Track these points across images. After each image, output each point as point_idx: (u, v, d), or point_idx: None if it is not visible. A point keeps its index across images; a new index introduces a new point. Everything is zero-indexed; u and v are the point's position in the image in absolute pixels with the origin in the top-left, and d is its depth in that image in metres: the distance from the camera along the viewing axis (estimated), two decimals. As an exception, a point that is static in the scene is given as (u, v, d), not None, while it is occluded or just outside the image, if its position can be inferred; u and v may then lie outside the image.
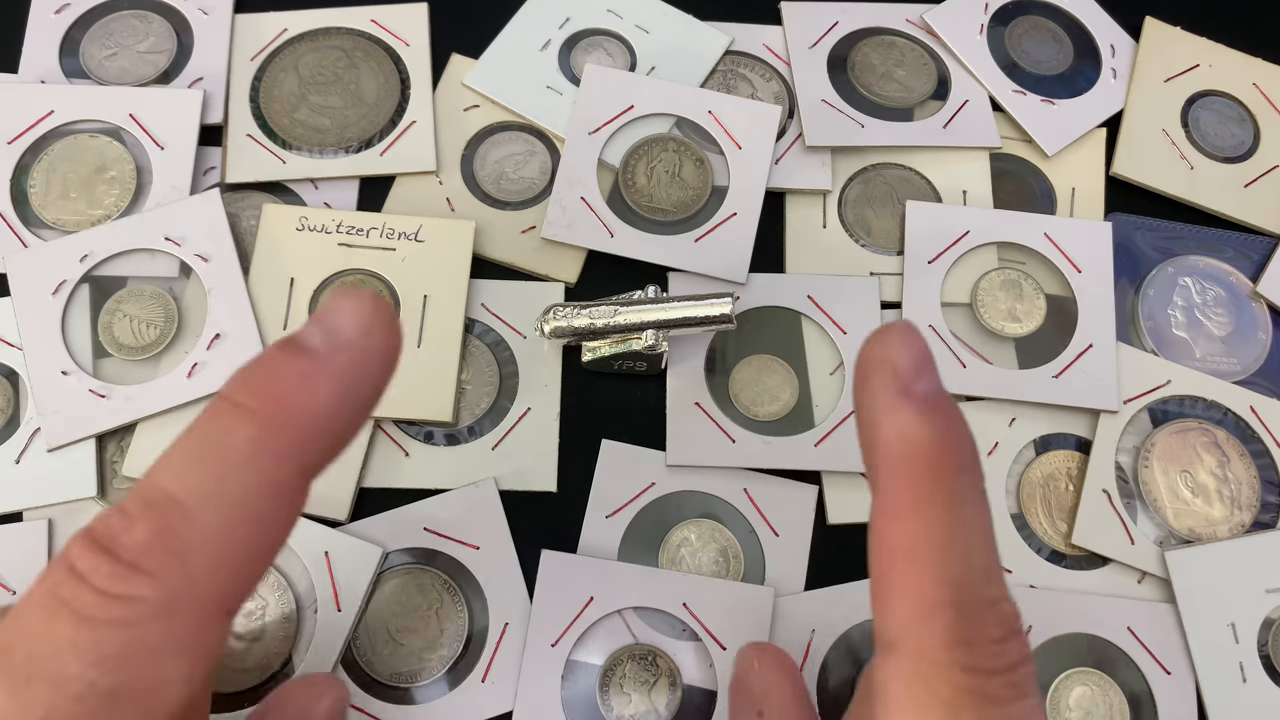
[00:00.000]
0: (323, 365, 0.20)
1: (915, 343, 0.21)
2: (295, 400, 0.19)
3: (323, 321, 0.20)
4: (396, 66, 0.39)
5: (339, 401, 0.20)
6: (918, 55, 0.41)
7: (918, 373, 0.20)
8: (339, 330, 0.20)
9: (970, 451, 0.20)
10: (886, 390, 0.20)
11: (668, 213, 0.37)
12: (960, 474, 0.20)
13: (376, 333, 0.20)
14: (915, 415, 0.20)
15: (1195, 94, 0.41)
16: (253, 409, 0.19)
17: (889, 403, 0.20)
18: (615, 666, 0.32)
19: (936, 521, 0.20)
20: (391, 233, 0.36)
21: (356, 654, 0.32)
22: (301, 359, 0.20)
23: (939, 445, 0.20)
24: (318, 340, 0.20)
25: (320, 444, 0.20)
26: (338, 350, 0.20)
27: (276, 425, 0.19)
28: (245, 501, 0.19)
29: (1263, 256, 0.39)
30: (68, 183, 0.36)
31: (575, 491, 0.34)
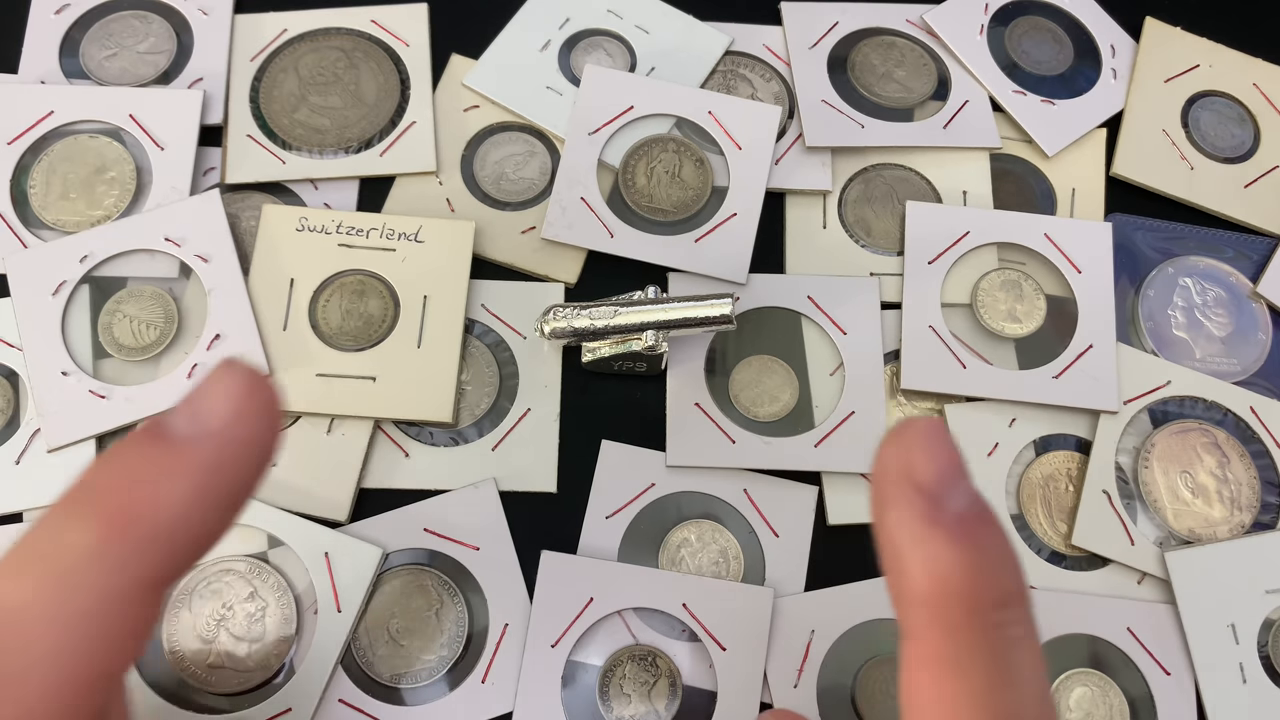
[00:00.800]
0: (180, 457, 0.17)
1: (941, 447, 0.17)
2: (141, 499, 0.17)
3: (190, 402, 0.18)
4: (396, 67, 0.39)
5: (194, 501, 0.17)
6: (918, 55, 0.41)
7: (947, 485, 0.17)
8: (206, 415, 0.17)
9: (1015, 578, 0.17)
10: (910, 515, 0.17)
11: (668, 213, 0.37)
12: (1003, 611, 0.17)
13: (249, 417, 0.17)
14: (947, 545, 0.17)
15: (1195, 94, 0.41)
16: (96, 510, 0.16)
17: (914, 532, 0.17)
18: (615, 667, 0.32)
19: (978, 676, 0.17)
20: (391, 233, 0.36)
21: (356, 654, 0.32)
22: (160, 449, 0.17)
23: (977, 579, 0.17)
24: (183, 426, 0.17)
25: (175, 547, 0.17)
26: (203, 439, 0.17)
27: (121, 529, 0.16)
28: (83, 613, 0.16)
29: (1263, 257, 0.39)
30: (68, 183, 0.36)
31: (575, 492, 0.34)
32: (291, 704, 0.31)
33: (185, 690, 0.31)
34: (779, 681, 0.32)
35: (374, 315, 0.35)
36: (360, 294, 0.35)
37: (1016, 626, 0.17)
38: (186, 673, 0.31)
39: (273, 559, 0.32)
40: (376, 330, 0.35)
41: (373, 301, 0.35)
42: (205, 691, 0.31)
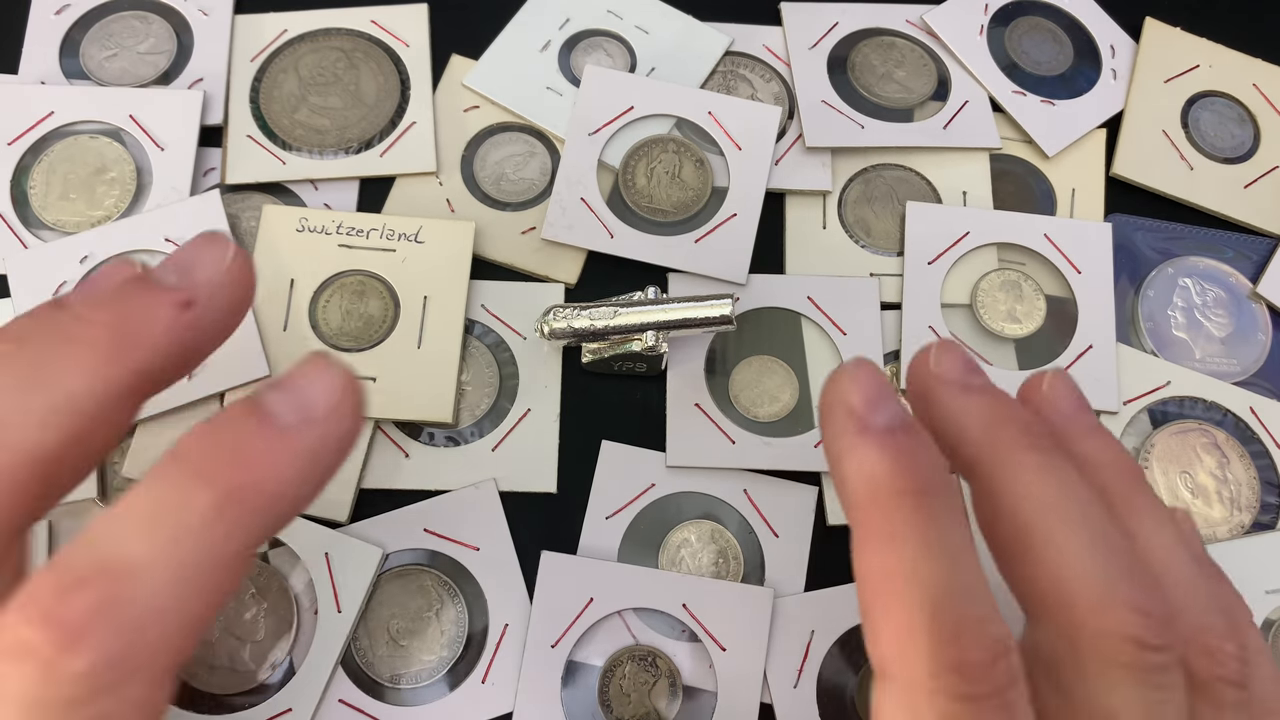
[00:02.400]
0: (290, 441, 0.19)
1: (868, 377, 0.21)
2: (258, 474, 0.18)
3: (294, 392, 0.19)
4: (396, 67, 0.39)
5: (299, 479, 0.19)
6: (918, 56, 0.41)
7: (872, 406, 0.21)
8: (310, 406, 0.19)
9: (936, 469, 0.21)
10: (844, 430, 0.21)
11: (668, 213, 0.37)
12: (926, 496, 0.20)
13: (346, 413, 0.20)
14: (873, 449, 0.20)
15: (1195, 94, 0.41)
16: (212, 478, 0.18)
17: (848, 442, 0.21)
18: (615, 667, 0.32)
19: (907, 548, 0.20)
20: (391, 234, 0.36)
21: (356, 655, 0.32)
22: (268, 431, 0.19)
23: (900, 472, 0.20)
24: (287, 412, 0.19)
25: (275, 519, 0.19)
26: (306, 426, 0.19)
27: (236, 499, 0.18)
28: (196, 572, 0.18)
29: (1262, 257, 0.39)
30: (68, 184, 0.36)
31: (575, 492, 0.34)
32: (291, 704, 0.31)
33: (185, 690, 0.31)
34: (779, 681, 0.32)
35: (374, 315, 0.35)
36: (360, 294, 0.35)
37: (941, 510, 0.20)
38: (186, 673, 0.31)
39: (273, 559, 0.32)
40: (376, 330, 0.35)
41: (373, 302, 0.35)
42: (205, 692, 0.31)
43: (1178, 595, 0.22)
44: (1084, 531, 0.21)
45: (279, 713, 0.31)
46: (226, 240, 0.22)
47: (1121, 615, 0.20)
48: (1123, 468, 0.24)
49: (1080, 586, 0.20)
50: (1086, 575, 0.20)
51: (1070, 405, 0.25)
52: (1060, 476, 0.22)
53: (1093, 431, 0.25)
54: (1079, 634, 0.20)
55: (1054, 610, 0.21)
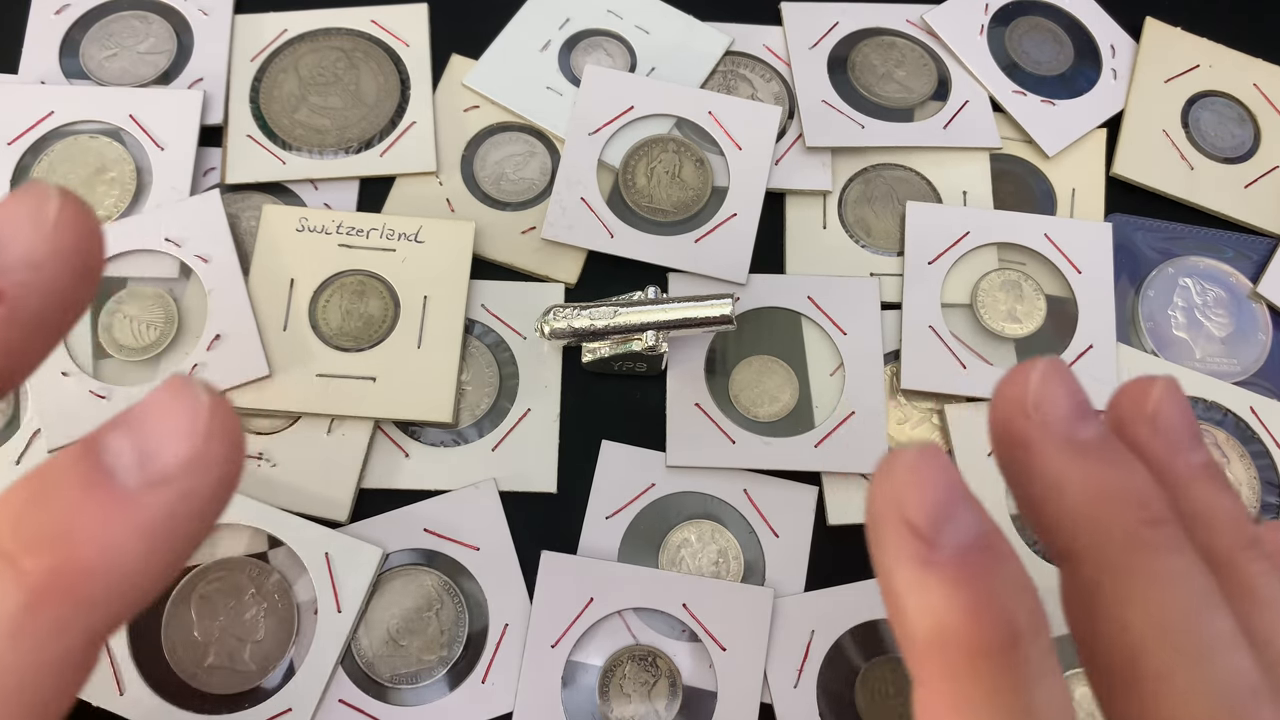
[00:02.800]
0: (131, 510, 0.14)
1: (934, 477, 0.16)
2: (87, 557, 0.14)
3: (138, 437, 0.14)
4: (396, 67, 0.39)
5: (145, 557, 0.14)
6: (918, 56, 0.41)
7: (941, 521, 0.16)
8: (158, 456, 0.14)
9: (1025, 614, 0.16)
10: (902, 555, 0.16)
11: (668, 213, 0.37)
12: (1010, 654, 0.15)
13: (213, 461, 0.15)
14: (942, 587, 0.15)
15: (1195, 94, 0.41)
16: (27, 569, 0.14)
17: (909, 576, 0.16)
18: (615, 667, 0.32)
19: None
20: (391, 233, 0.36)
21: (356, 655, 0.32)
22: (102, 497, 0.14)
23: (979, 621, 0.15)
24: (130, 469, 0.14)
25: (118, 606, 0.14)
26: (156, 487, 0.14)
27: (59, 589, 0.14)
28: (17, 682, 0.14)
29: (1263, 257, 0.39)
30: (68, 183, 0.36)
31: (575, 492, 0.34)
32: (291, 704, 0.31)
33: (185, 690, 0.31)
34: (779, 681, 0.32)
35: (374, 315, 0.35)
36: (360, 294, 0.35)
37: (1027, 666, 0.16)
38: (186, 673, 0.31)
39: (273, 559, 0.32)
40: (376, 330, 0.35)
41: (373, 302, 0.35)
42: (205, 692, 0.31)
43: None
44: (1208, 668, 0.16)
45: (279, 713, 0.31)
46: (47, 191, 0.15)
47: None
48: (1241, 527, 0.19)
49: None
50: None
51: (1182, 435, 0.19)
52: (1188, 587, 0.17)
53: (1205, 475, 0.19)
54: None
55: None
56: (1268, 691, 0.16)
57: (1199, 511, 0.18)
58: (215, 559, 0.32)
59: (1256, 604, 0.18)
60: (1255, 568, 0.18)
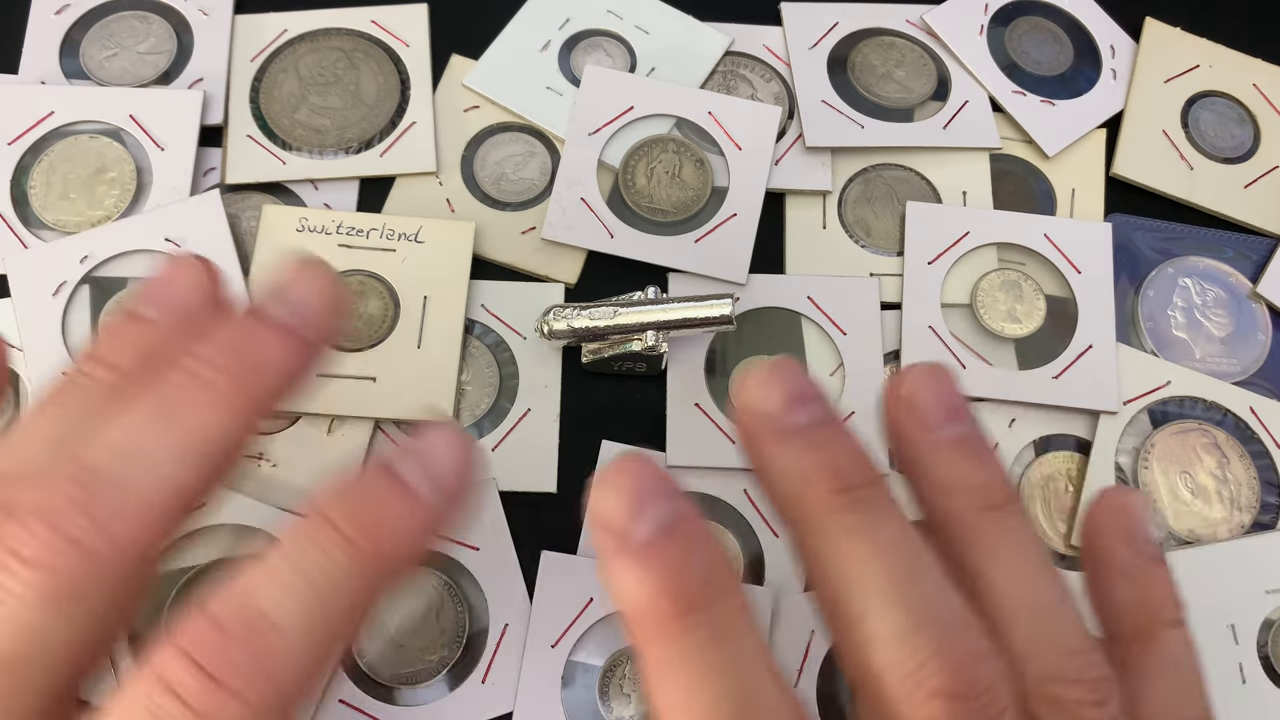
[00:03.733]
0: (427, 513, 0.20)
1: (631, 477, 0.19)
2: (398, 543, 0.19)
3: (426, 461, 0.20)
4: (396, 67, 0.39)
5: (425, 544, 0.20)
6: (918, 56, 0.41)
7: (634, 515, 0.19)
8: (444, 476, 0.20)
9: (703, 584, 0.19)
10: (605, 551, 0.19)
11: (668, 213, 0.37)
12: (686, 618, 0.18)
13: (470, 479, 0.21)
14: (631, 570, 0.19)
15: (1195, 94, 0.41)
16: (357, 544, 0.19)
17: (608, 564, 0.19)
18: (615, 667, 0.32)
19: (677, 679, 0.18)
20: (391, 234, 0.36)
21: (356, 655, 0.32)
22: (407, 501, 0.20)
23: (662, 593, 0.18)
24: (423, 484, 0.20)
25: (402, 579, 0.20)
26: (442, 499, 0.20)
27: (375, 563, 0.19)
28: (331, 626, 0.19)
29: (1262, 257, 0.39)
30: (68, 184, 0.36)
31: (575, 492, 0.34)
32: (292, 704, 0.31)
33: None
34: (779, 681, 0.32)
35: (374, 315, 0.35)
36: (360, 294, 0.35)
37: (710, 626, 0.18)
38: (187, 673, 0.31)
39: (273, 559, 0.32)
40: (376, 330, 0.35)
41: (373, 302, 0.35)
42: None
43: (1024, 640, 0.20)
44: (893, 605, 0.19)
45: (279, 713, 0.31)
46: (326, 269, 0.24)
47: (936, 705, 0.18)
48: (983, 492, 0.22)
49: (891, 674, 0.19)
50: (896, 662, 0.19)
51: (931, 413, 0.23)
52: (871, 537, 0.20)
53: (953, 446, 0.22)
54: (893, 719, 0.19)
55: (869, 701, 0.19)
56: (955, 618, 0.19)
57: (944, 477, 0.22)
58: (215, 559, 0.32)
59: (975, 547, 0.21)
60: (985, 520, 0.22)
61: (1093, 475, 0.35)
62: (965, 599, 0.20)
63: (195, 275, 0.24)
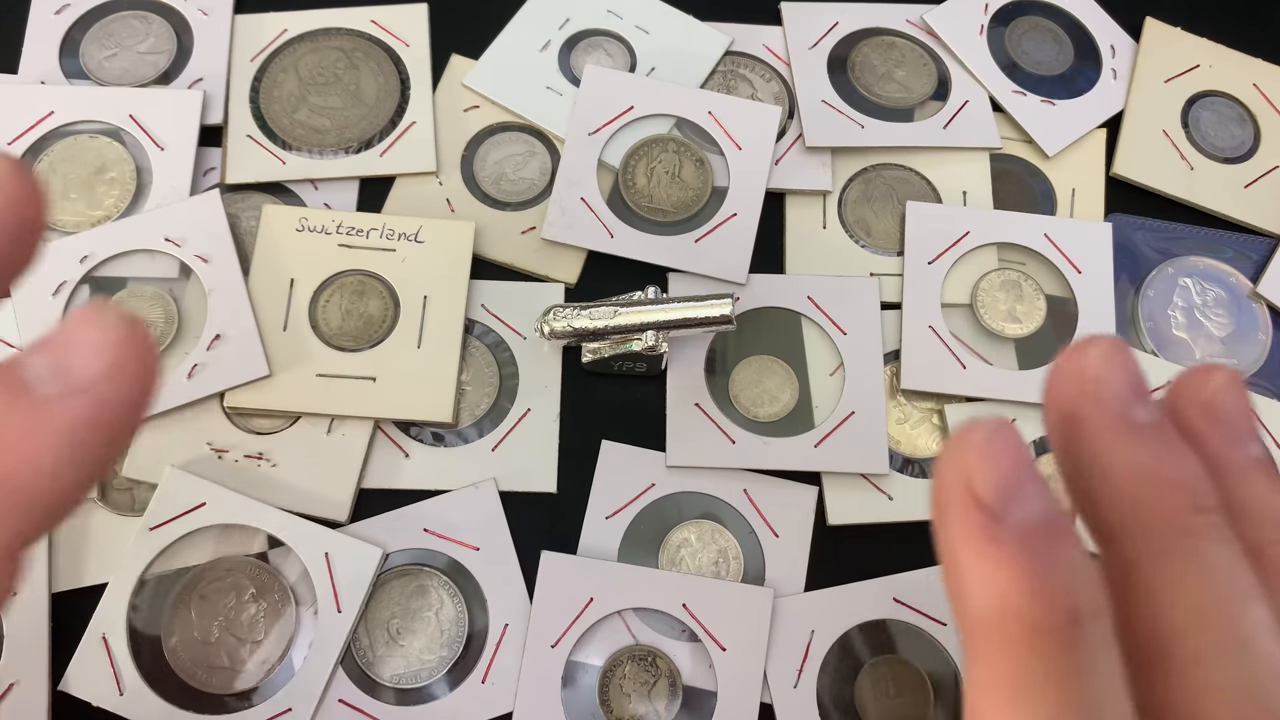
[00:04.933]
0: (50, 417, 0.15)
1: (1005, 453, 0.16)
2: (10, 464, 0.15)
3: (55, 354, 0.16)
4: (396, 67, 0.39)
5: (65, 463, 0.15)
6: (918, 56, 0.41)
7: (1009, 496, 0.16)
8: (75, 369, 0.16)
9: (1086, 595, 0.16)
10: (968, 528, 0.16)
11: (668, 213, 0.37)
12: (1072, 633, 0.15)
13: (127, 371, 0.16)
14: (1008, 563, 0.15)
15: (1195, 94, 0.41)
16: None
17: (972, 549, 0.16)
18: (615, 667, 0.32)
19: (1044, 703, 0.15)
20: (391, 233, 0.36)
21: (356, 654, 0.32)
22: (23, 406, 0.15)
23: (1040, 598, 0.15)
24: (47, 380, 0.16)
25: (39, 512, 0.16)
26: (72, 395, 0.15)
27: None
28: None
29: (1263, 257, 0.39)
30: (68, 183, 0.36)
31: (575, 492, 0.34)
32: (291, 704, 0.31)
33: (185, 690, 0.31)
34: (779, 681, 0.32)
35: (374, 315, 0.35)
36: (360, 294, 0.35)
37: (1087, 647, 0.16)
38: (186, 673, 0.31)
39: (273, 559, 0.32)
40: (376, 330, 0.35)
41: (373, 301, 0.35)
42: (205, 692, 0.31)
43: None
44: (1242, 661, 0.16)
45: (279, 713, 0.31)
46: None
47: None
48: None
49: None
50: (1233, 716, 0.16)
51: (1238, 427, 0.19)
52: (1229, 578, 0.17)
53: (1257, 469, 0.19)
54: None
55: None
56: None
57: (1246, 504, 0.18)
58: (215, 559, 0.32)
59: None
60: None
61: (1093, 475, 0.35)
62: None
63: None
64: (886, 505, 0.34)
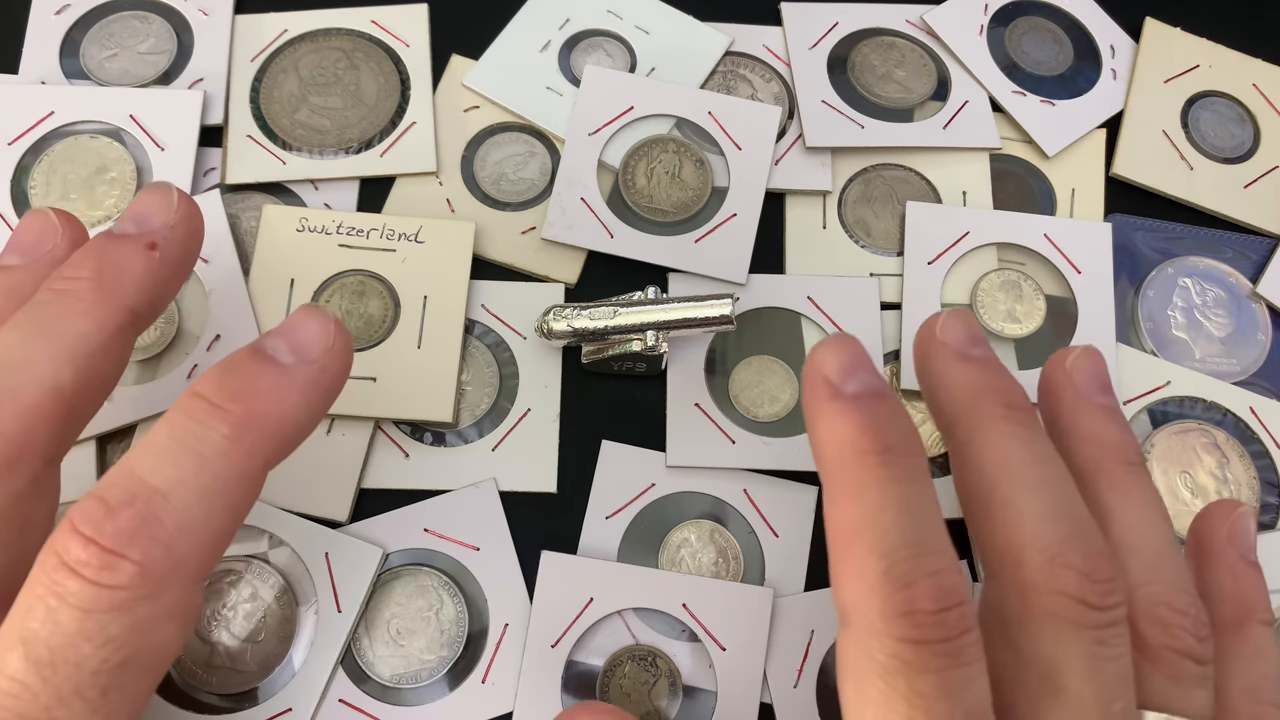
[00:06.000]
0: (291, 378, 0.23)
1: (845, 348, 0.23)
2: (266, 405, 0.22)
3: (290, 337, 0.23)
4: (396, 67, 0.39)
5: (301, 409, 0.23)
6: (918, 56, 0.41)
7: (846, 374, 0.23)
8: (306, 346, 0.23)
9: (900, 433, 0.22)
10: (818, 396, 0.23)
11: (668, 213, 0.37)
12: (890, 454, 0.22)
13: (338, 352, 0.24)
14: (842, 413, 0.22)
15: (1195, 94, 0.41)
16: (228, 410, 0.22)
17: (821, 407, 0.23)
18: (615, 667, 0.32)
19: (868, 501, 0.21)
20: (391, 234, 0.36)
21: (356, 654, 0.32)
22: (272, 369, 0.23)
23: (866, 434, 0.22)
24: (286, 354, 0.23)
25: (283, 443, 0.23)
26: (304, 365, 0.23)
27: (249, 426, 0.22)
28: (219, 490, 0.21)
29: (1262, 257, 0.39)
30: (68, 184, 0.36)
31: (575, 492, 0.34)
32: (291, 704, 0.31)
33: (185, 690, 0.31)
34: (779, 681, 0.32)
35: (374, 315, 0.35)
36: (360, 294, 0.35)
37: (902, 467, 0.22)
38: (186, 673, 0.31)
39: (273, 559, 0.32)
40: (376, 330, 0.35)
41: (373, 302, 0.35)
42: (205, 691, 0.31)
43: (1142, 568, 0.24)
44: (1042, 495, 0.23)
45: (279, 713, 0.31)
46: (169, 187, 0.26)
47: (1067, 575, 0.21)
48: (1121, 449, 0.26)
49: (1032, 546, 0.22)
50: (1039, 536, 0.22)
51: (1088, 383, 0.27)
52: (1029, 444, 0.23)
53: (1102, 410, 0.26)
54: (1028, 591, 0.22)
55: (1007, 568, 0.22)
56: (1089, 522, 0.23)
57: (1091, 431, 0.26)
58: (215, 559, 0.32)
59: (1110, 489, 0.25)
60: (1121, 469, 0.25)
61: (1093, 475, 0.35)
62: None
63: (49, 223, 0.26)
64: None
